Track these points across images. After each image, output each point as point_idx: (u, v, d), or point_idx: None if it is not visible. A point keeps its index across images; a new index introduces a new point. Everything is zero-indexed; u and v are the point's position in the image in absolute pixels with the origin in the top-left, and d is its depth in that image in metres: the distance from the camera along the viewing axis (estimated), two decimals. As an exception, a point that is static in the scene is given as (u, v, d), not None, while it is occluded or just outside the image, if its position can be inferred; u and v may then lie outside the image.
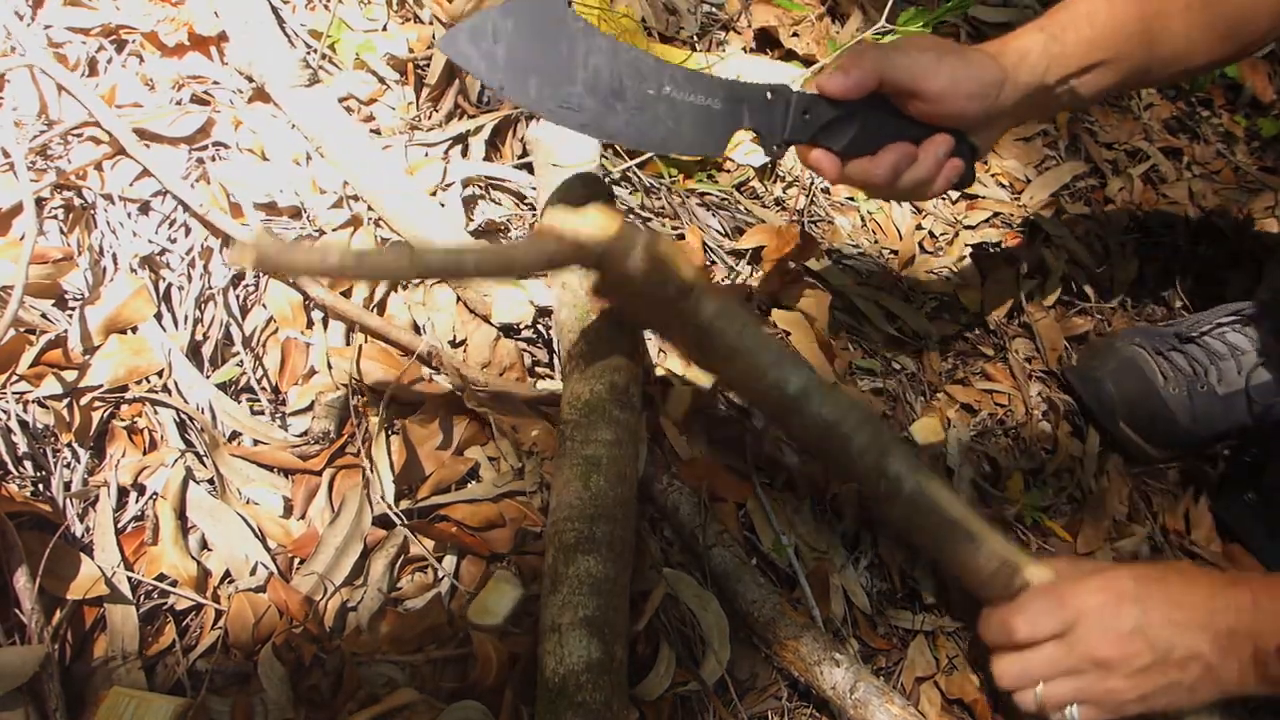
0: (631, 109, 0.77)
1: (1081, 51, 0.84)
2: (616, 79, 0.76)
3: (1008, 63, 0.82)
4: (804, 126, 0.80)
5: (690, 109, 0.78)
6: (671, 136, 0.78)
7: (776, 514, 0.89)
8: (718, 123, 0.79)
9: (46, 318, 0.83)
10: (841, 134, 0.80)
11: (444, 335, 0.92)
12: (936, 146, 0.82)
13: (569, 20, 0.75)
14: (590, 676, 0.64)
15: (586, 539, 0.70)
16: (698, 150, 0.80)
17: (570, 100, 0.75)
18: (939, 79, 0.79)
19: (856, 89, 0.77)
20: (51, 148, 0.91)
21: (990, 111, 0.82)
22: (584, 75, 0.75)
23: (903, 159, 0.80)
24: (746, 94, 0.79)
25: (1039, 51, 0.83)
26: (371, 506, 0.80)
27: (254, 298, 0.91)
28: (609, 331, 0.83)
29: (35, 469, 0.77)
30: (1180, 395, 1.06)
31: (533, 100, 0.75)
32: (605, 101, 0.76)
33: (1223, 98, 1.61)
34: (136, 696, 0.66)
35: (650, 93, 0.77)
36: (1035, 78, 0.83)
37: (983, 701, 0.86)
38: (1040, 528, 1.01)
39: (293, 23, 1.08)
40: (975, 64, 0.81)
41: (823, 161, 0.81)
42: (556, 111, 0.76)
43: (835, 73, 0.77)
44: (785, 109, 0.79)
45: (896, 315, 1.13)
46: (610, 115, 0.76)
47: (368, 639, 0.75)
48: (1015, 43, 0.84)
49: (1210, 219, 1.38)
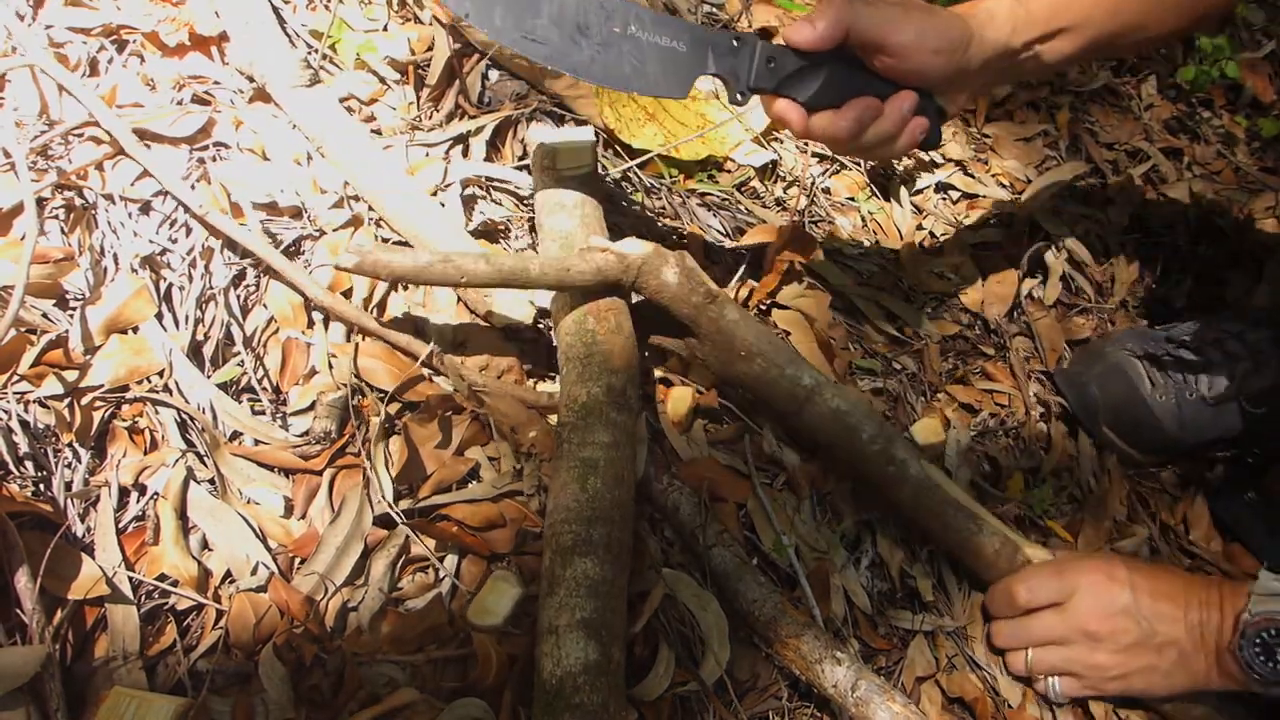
0: (596, 46, 0.78)
1: (1046, 16, 0.85)
2: (582, 14, 0.77)
3: (975, 23, 0.83)
4: (769, 75, 0.80)
5: (655, 49, 0.79)
6: (635, 75, 0.80)
7: (776, 514, 0.89)
8: (682, 65, 0.80)
9: (47, 318, 0.83)
10: (807, 85, 0.81)
11: (444, 336, 0.92)
12: (901, 102, 0.82)
13: None
14: (587, 678, 0.64)
15: (584, 541, 0.70)
16: (661, 91, 0.81)
17: (535, 32, 0.77)
18: (905, 33, 0.80)
19: (823, 40, 0.78)
20: (52, 148, 0.91)
21: (957, 69, 0.83)
22: (549, 9, 0.77)
23: (867, 112, 0.81)
24: (712, 39, 0.80)
25: (1005, 13, 0.84)
26: (372, 506, 0.80)
27: (255, 298, 0.91)
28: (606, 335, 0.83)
29: (36, 469, 0.77)
30: (1167, 402, 1.05)
31: (497, 29, 0.76)
32: (570, 36, 0.77)
33: (1223, 98, 1.61)
34: (137, 696, 0.66)
35: (615, 30, 0.78)
36: (1002, 38, 0.84)
37: (984, 700, 0.86)
38: (1041, 527, 1.01)
39: (294, 23, 1.08)
40: (943, 20, 0.82)
41: (788, 112, 0.82)
42: (520, 42, 0.77)
43: (802, 23, 0.78)
44: (751, 56, 0.80)
45: (896, 315, 1.13)
46: (574, 50, 0.78)
47: (368, 639, 0.75)
48: (984, 3, 0.85)
49: (1210, 219, 1.38)
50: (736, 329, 0.87)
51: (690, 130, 1.16)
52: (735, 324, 0.87)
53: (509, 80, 1.13)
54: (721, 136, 1.17)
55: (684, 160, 1.15)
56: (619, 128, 1.12)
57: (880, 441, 0.87)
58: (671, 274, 0.85)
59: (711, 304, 0.86)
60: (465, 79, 1.08)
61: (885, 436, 0.87)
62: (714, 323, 0.87)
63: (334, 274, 0.92)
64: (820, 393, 0.87)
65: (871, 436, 0.86)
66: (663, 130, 1.15)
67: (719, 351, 0.88)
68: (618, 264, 0.84)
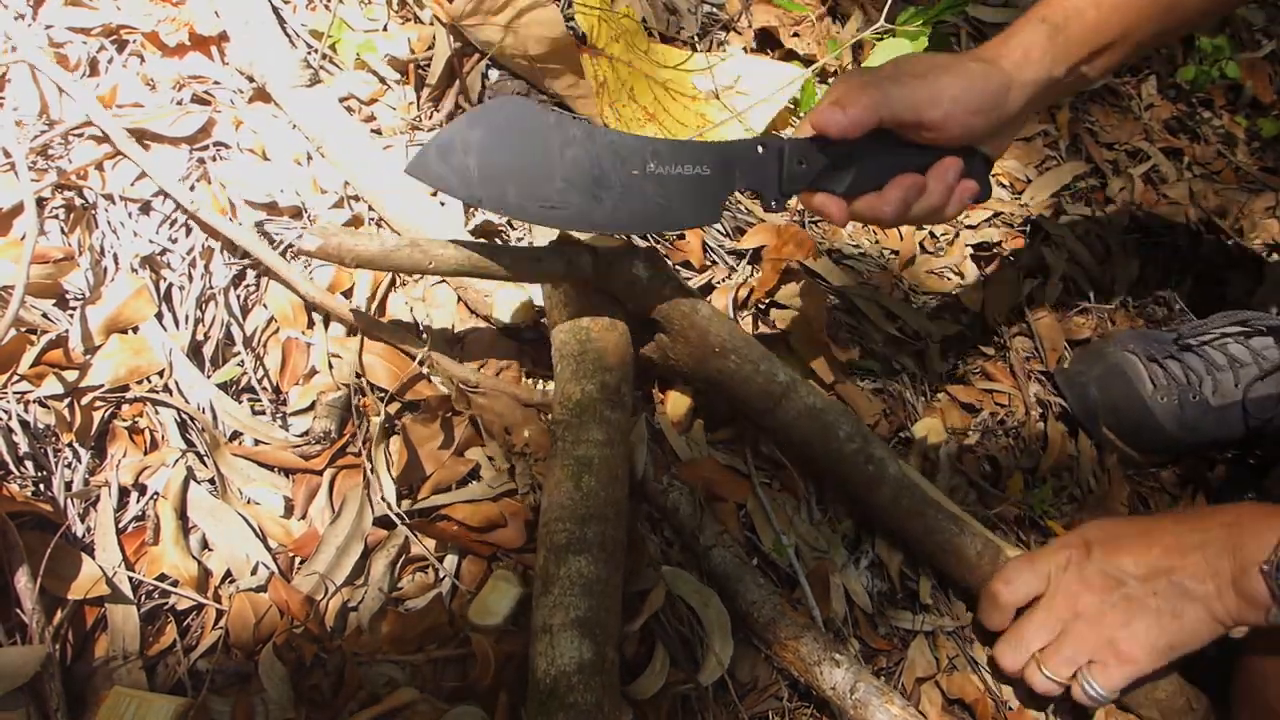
0: (617, 194, 0.74)
1: (1089, 37, 0.79)
2: (597, 166, 0.73)
3: (1009, 65, 0.78)
4: (801, 176, 0.76)
5: (679, 181, 0.75)
6: (663, 213, 0.75)
7: (776, 514, 0.89)
8: (709, 189, 0.76)
9: (47, 317, 0.83)
10: (843, 176, 0.76)
11: (442, 334, 0.92)
12: (945, 171, 0.78)
13: (539, 115, 0.72)
14: (581, 677, 0.64)
15: (578, 540, 0.70)
16: (694, 223, 0.78)
17: (552, 199, 0.72)
18: (941, 105, 0.74)
19: (855, 128, 0.72)
20: (52, 147, 0.91)
21: (998, 121, 0.78)
22: (562, 169, 0.72)
23: (910, 191, 0.76)
24: (736, 153, 0.76)
25: (1042, 46, 0.78)
26: (372, 506, 0.80)
27: (255, 297, 0.91)
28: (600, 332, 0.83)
29: (36, 469, 0.77)
30: (1169, 404, 1.05)
31: (513, 208, 0.72)
32: (589, 192, 0.73)
33: (1223, 98, 1.61)
34: (137, 696, 0.66)
35: (635, 173, 0.74)
36: (1042, 74, 0.78)
37: (984, 701, 0.86)
38: (1041, 527, 1.01)
39: (293, 23, 1.08)
40: (976, 78, 0.76)
41: (828, 205, 0.77)
42: (540, 214, 0.73)
43: (832, 108, 0.72)
44: (779, 161, 0.76)
45: (896, 315, 1.13)
46: (596, 206, 0.74)
47: (368, 639, 0.75)
48: (1016, 39, 0.79)
49: (1210, 219, 1.38)
50: (710, 325, 0.84)
51: (690, 130, 1.16)
52: (708, 320, 0.84)
53: (509, 80, 1.13)
54: (721, 136, 1.17)
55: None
56: (619, 128, 1.12)
57: (857, 440, 0.84)
58: (642, 268, 0.83)
59: (683, 300, 0.84)
60: (465, 79, 1.08)
61: (862, 435, 0.85)
62: (686, 319, 0.84)
63: (335, 273, 0.92)
64: (795, 390, 0.84)
65: (848, 435, 0.84)
66: (663, 130, 1.15)
67: (691, 349, 0.85)
68: (588, 257, 0.82)
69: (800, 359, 1.02)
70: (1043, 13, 0.80)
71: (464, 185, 0.71)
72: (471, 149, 0.71)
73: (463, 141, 0.71)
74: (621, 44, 1.17)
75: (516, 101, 0.74)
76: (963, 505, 0.99)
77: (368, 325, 0.89)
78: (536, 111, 0.73)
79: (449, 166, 0.71)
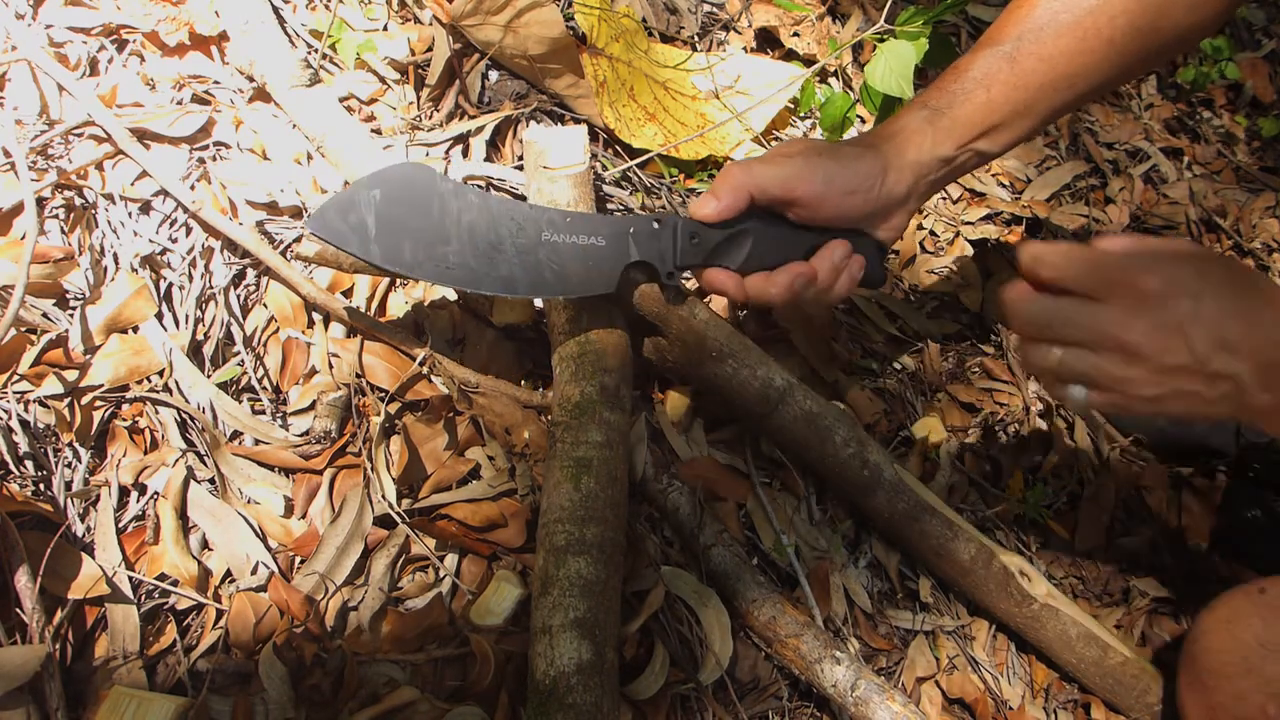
0: (513, 260, 0.77)
1: (978, 118, 0.80)
2: (492, 231, 0.76)
3: (890, 149, 0.79)
4: (695, 251, 0.79)
5: (574, 250, 0.78)
6: (559, 280, 0.78)
7: (776, 514, 0.89)
8: (605, 259, 0.79)
9: (47, 317, 0.83)
10: (735, 253, 0.79)
11: (442, 334, 0.92)
12: (831, 253, 0.80)
13: (437, 182, 0.75)
14: (580, 678, 0.64)
15: (577, 541, 0.70)
16: (589, 290, 0.79)
17: (448, 259, 0.75)
18: (812, 183, 0.77)
19: (728, 210, 0.77)
20: (52, 147, 0.91)
21: (879, 203, 0.80)
22: (458, 233, 0.75)
23: (798, 279, 0.78)
24: (632, 227, 0.79)
25: (921, 130, 0.80)
26: (373, 506, 0.80)
27: (255, 297, 0.91)
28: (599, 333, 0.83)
29: (36, 469, 0.77)
30: None
31: (408, 265, 0.75)
32: (486, 256, 0.76)
33: (1223, 98, 1.61)
34: (137, 696, 0.66)
35: (531, 241, 0.77)
36: (924, 155, 0.80)
37: (984, 701, 0.86)
38: (1040, 526, 1.01)
39: (294, 23, 1.08)
40: (848, 159, 0.78)
41: (722, 280, 0.79)
42: (435, 272, 0.75)
43: (705, 197, 0.77)
44: (673, 236, 0.79)
45: (896, 315, 1.13)
46: (492, 270, 0.76)
47: (368, 639, 0.75)
48: (898, 123, 0.81)
49: (1211, 219, 1.38)
50: (708, 329, 0.84)
51: (690, 130, 1.16)
52: (706, 324, 0.84)
53: (509, 80, 1.13)
54: (721, 136, 1.17)
55: (684, 160, 1.15)
56: (619, 128, 1.12)
57: (854, 444, 0.85)
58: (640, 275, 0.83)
59: (681, 303, 0.84)
60: (465, 79, 1.08)
61: (859, 439, 0.85)
62: (684, 322, 0.84)
63: (335, 273, 0.92)
64: (792, 394, 0.85)
65: (845, 439, 0.85)
66: (662, 130, 1.15)
67: (689, 352, 0.85)
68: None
69: (801, 359, 1.02)
70: (925, 98, 0.82)
71: (362, 242, 0.74)
72: (370, 208, 0.74)
73: (362, 200, 0.74)
74: (621, 44, 1.17)
75: (417, 167, 0.76)
76: (963, 504, 0.99)
77: (368, 325, 0.89)
78: (435, 178, 0.76)
79: (347, 223, 0.73)
